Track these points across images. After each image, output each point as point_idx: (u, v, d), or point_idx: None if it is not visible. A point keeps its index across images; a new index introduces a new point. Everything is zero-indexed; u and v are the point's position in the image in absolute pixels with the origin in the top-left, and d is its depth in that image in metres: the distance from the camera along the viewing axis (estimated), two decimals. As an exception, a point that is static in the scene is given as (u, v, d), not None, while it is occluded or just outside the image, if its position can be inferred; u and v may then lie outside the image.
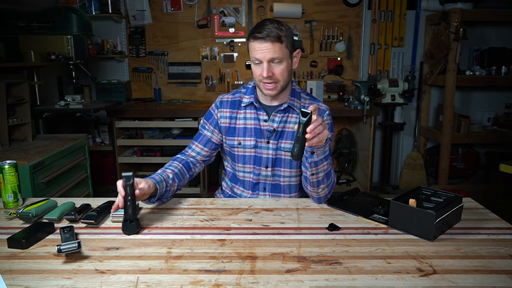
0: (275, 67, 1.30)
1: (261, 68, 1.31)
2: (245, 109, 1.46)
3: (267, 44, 1.27)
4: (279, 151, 1.45)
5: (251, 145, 1.45)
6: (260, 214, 1.26)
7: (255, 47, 1.29)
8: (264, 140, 1.44)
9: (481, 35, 3.67)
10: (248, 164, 1.48)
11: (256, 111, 1.45)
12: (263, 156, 1.46)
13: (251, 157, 1.47)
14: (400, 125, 3.55)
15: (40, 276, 0.90)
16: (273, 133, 1.43)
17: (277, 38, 1.26)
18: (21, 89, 2.26)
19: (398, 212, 1.13)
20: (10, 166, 1.28)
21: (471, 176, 3.80)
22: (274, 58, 1.29)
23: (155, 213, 1.27)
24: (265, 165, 1.46)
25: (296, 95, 1.45)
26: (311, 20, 3.61)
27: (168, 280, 0.88)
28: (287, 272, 0.92)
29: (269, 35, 1.26)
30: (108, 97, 3.53)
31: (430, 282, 0.87)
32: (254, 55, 1.31)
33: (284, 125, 1.44)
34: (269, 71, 1.29)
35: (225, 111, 1.47)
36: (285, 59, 1.31)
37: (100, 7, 3.41)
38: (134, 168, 3.67)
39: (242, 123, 1.46)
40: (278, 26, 1.28)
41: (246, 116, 1.46)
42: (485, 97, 3.83)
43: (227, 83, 3.72)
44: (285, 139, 1.44)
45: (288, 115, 1.44)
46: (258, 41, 1.28)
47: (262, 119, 1.44)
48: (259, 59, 1.30)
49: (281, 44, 1.28)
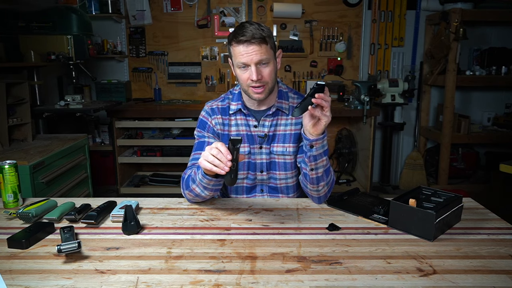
0: (263, 70, 1.27)
1: (248, 72, 1.27)
2: (235, 115, 1.42)
3: (253, 46, 1.23)
4: (273, 155, 1.43)
5: (245, 152, 1.42)
6: (260, 214, 1.26)
7: (240, 51, 1.25)
8: (256, 146, 1.42)
9: (481, 35, 3.67)
10: (242, 170, 1.45)
11: (246, 117, 1.41)
12: (257, 162, 1.44)
13: (245, 164, 1.44)
14: (400, 125, 3.55)
15: (40, 276, 0.90)
16: (265, 138, 1.41)
17: (262, 39, 1.24)
18: (21, 89, 2.26)
19: (398, 212, 1.13)
20: (10, 166, 1.28)
21: (471, 176, 3.80)
22: (261, 60, 1.25)
23: (155, 213, 1.27)
24: (260, 170, 1.45)
25: (284, 96, 1.42)
26: (311, 20, 3.61)
27: (168, 280, 0.88)
28: (287, 272, 0.92)
29: (254, 37, 1.23)
30: (108, 97, 3.53)
31: (430, 282, 0.87)
32: (239, 60, 1.26)
33: (275, 129, 1.41)
34: (258, 74, 1.26)
35: (218, 117, 1.42)
36: (271, 60, 1.28)
37: (100, 7, 3.42)
38: (134, 168, 3.67)
39: (235, 130, 1.43)
40: (259, 27, 1.25)
41: (238, 123, 1.42)
42: (485, 97, 3.83)
43: (227, 83, 3.72)
44: (277, 143, 1.42)
45: (278, 118, 1.41)
46: (243, 44, 1.24)
47: (252, 125, 1.41)
48: (246, 63, 1.26)
49: (267, 45, 1.26)
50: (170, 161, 3.30)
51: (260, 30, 1.25)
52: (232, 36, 1.28)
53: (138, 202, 1.31)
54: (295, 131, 1.41)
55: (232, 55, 1.31)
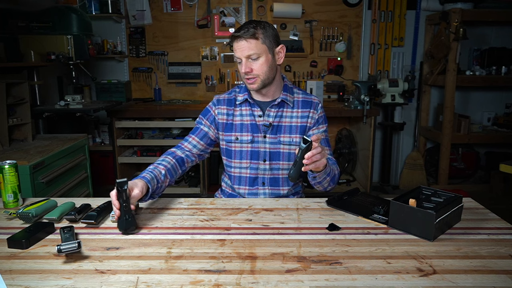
0: (253, 63, 1.39)
1: (241, 65, 1.40)
2: (241, 106, 1.52)
3: (242, 42, 1.37)
4: (278, 145, 1.50)
5: (248, 140, 1.50)
6: (260, 214, 1.26)
7: (235, 47, 1.40)
8: (260, 134, 1.50)
9: (481, 35, 3.67)
10: (245, 159, 1.52)
11: (251, 108, 1.50)
12: (260, 150, 1.51)
13: (248, 152, 1.51)
14: (400, 125, 3.55)
15: (40, 276, 0.90)
16: (269, 127, 1.49)
17: (252, 35, 1.36)
18: (21, 89, 2.26)
19: (398, 212, 1.13)
20: (10, 166, 1.28)
21: (471, 176, 3.80)
22: (250, 54, 1.37)
23: (155, 213, 1.27)
24: (262, 158, 1.51)
25: (289, 90, 1.52)
26: (311, 20, 3.61)
27: (168, 280, 0.88)
28: (287, 272, 0.92)
29: (245, 33, 1.36)
30: (108, 97, 3.53)
31: (430, 282, 0.87)
32: (235, 54, 1.41)
33: (280, 120, 1.50)
34: (247, 67, 1.39)
35: (222, 108, 1.52)
36: (262, 54, 1.39)
37: (100, 7, 3.41)
38: (133, 168, 3.67)
39: (239, 120, 1.51)
40: (255, 25, 1.37)
41: (242, 113, 1.51)
42: (485, 97, 3.83)
43: (227, 83, 3.72)
44: (283, 133, 1.50)
45: (283, 109, 1.50)
46: (236, 40, 1.38)
47: (257, 115, 1.50)
48: (239, 57, 1.40)
49: (257, 40, 1.37)
50: (170, 161, 3.29)
51: (254, 28, 1.37)
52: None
53: (138, 202, 1.30)
54: (301, 123, 1.50)
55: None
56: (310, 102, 1.52)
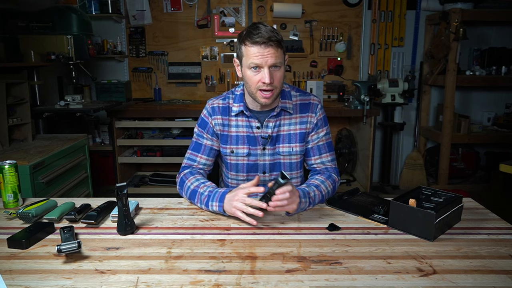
0: (275, 73, 1.24)
1: (260, 75, 1.24)
2: (236, 116, 1.40)
3: (269, 49, 1.20)
4: (277, 156, 1.43)
5: (244, 153, 1.41)
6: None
7: (255, 52, 1.21)
8: (259, 147, 1.41)
9: (481, 35, 3.67)
10: (241, 172, 1.45)
11: (248, 119, 1.39)
12: (260, 163, 1.43)
13: (244, 165, 1.43)
14: (400, 125, 3.55)
15: (40, 276, 0.90)
16: (268, 139, 1.39)
17: (279, 42, 1.22)
18: (21, 89, 2.26)
19: (398, 212, 1.13)
20: (10, 166, 1.28)
21: (471, 176, 3.80)
22: (275, 63, 1.23)
23: (155, 213, 1.27)
24: (262, 171, 1.44)
25: (287, 95, 1.41)
26: (311, 20, 3.61)
27: (168, 280, 0.88)
28: (287, 272, 0.92)
29: (271, 39, 1.20)
30: (108, 97, 3.53)
31: (430, 282, 0.87)
32: (253, 61, 1.22)
33: (278, 130, 1.40)
34: (271, 77, 1.22)
35: (218, 118, 1.41)
36: (283, 64, 1.27)
37: (100, 7, 3.41)
38: (133, 168, 3.67)
39: (234, 131, 1.41)
40: (274, 30, 1.24)
41: (238, 124, 1.40)
42: (485, 97, 3.83)
43: (227, 83, 3.72)
44: (282, 143, 1.41)
45: (281, 118, 1.40)
46: (260, 45, 1.20)
47: (254, 127, 1.39)
48: (259, 65, 1.22)
49: (282, 49, 1.24)
50: (170, 161, 3.30)
51: (276, 34, 1.22)
52: (246, 36, 1.23)
53: (138, 202, 1.31)
54: (300, 130, 1.41)
55: (243, 55, 1.26)
56: (309, 104, 1.41)
